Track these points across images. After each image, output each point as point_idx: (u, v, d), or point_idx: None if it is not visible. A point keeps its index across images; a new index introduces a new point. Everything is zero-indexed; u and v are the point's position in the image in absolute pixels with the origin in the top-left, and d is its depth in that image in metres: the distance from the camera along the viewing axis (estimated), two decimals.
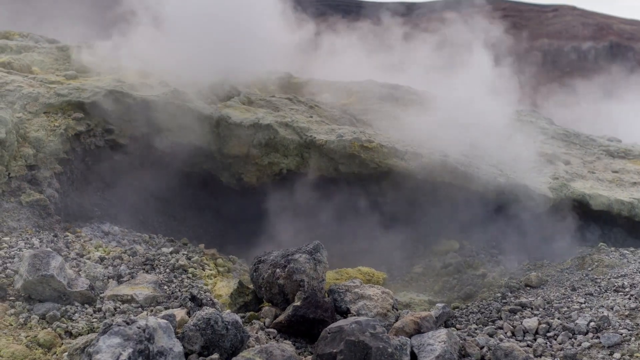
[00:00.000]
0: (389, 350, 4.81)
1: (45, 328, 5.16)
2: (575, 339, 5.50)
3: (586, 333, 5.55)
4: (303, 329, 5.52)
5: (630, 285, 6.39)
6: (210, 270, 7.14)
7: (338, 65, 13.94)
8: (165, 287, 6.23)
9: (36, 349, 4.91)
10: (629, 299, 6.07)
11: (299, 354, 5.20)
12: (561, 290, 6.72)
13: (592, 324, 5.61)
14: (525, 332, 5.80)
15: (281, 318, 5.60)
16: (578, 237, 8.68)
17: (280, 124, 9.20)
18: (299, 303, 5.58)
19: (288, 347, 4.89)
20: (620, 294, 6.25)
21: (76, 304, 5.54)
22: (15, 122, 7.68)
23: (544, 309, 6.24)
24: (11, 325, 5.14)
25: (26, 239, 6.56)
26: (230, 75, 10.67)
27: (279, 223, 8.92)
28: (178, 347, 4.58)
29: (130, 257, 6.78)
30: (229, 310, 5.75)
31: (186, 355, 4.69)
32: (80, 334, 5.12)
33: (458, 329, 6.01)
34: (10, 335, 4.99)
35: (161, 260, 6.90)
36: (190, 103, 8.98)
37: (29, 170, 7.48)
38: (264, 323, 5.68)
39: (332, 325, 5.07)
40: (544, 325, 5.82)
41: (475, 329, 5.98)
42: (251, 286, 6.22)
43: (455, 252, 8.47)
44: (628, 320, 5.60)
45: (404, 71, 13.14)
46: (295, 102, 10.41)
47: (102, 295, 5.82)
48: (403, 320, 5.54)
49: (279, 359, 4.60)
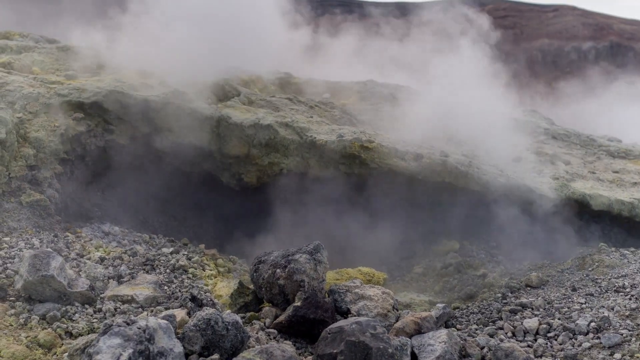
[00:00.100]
0: (390, 350, 4.81)
1: (45, 328, 5.15)
2: (576, 339, 5.50)
3: (587, 333, 5.55)
4: (303, 329, 5.52)
5: (631, 286, 6.38)
6: (211, 270, 7.13)
7: (337, 65, 13.94)
8: (166, 288, 6.23)
9: (36, 350, 4.91)
10: (630, 299, 6.07)
11: (300, 355, 5.20)
12: (562, 290, 6.71)
13: (593, 324, 5.60)
14: (526, 333, 5.80)
15: (281, 318, 5.60)
16: (578, 238, 8.68)
17: (281, 124, 9.19)
18: (299, 303, 5.57)
19: (288, 348, 4.89)
20: (621, 294, 6.25)
21: (76, 304, 5.54)
22: (15, 122, 7.68)
23: (545, 309, 6.23)
24: (11, 325, 5.14)
25: (26, 239, 6.56)
26: (231, 75, 10.68)
27: (279, 223, 8.93)
28: (178, 348, 4.58)
29: (131, 258, 6.78)
30: (229, 311, 5.74)
31: (186, 355, 4.69)
32: (80, 335, 5.12)
33: (458, 330, 6.01)
34: (11, 336, 4.99)
35: (161, 261, 6.89)
36: (191, 103, 8.99)
37: (30, 171, 7.48)
38: (265, 323, 5.68)
39: (333, 325, 5.07)
40: (544, 325, 5.82)
41: (476, 329, 5.98)
42: (251, 286, 6.22)
43: (456, 253, 8.48)
44: (629, 321, 5.60)
45: (401, 70, 13.15)
46: (296, 102, 10.41)
47: (103, 295, 5.82)
48: (403, 320, 5.54)
49: (279, 359, 4.60)
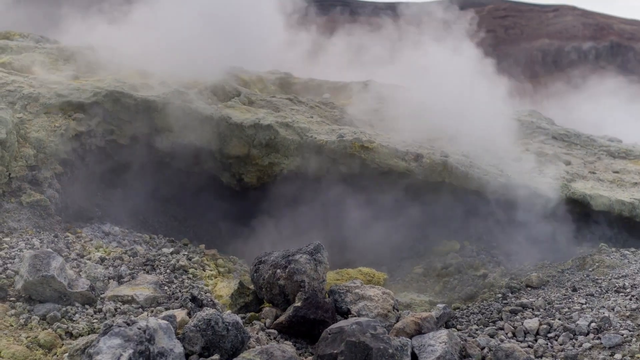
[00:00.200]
0: (390, 351, 4.81)
1: (45, 329, 5.16)
2: (576, 339, 5.50)
3: (587, 334, 5.54)
4: (304, 329, 5.52)
5: (631, 286, 6.38)
6: (211, 270, 7.13)
7: (337, 65, 13.94)
8: (166, 288, 6.23)
9: (37, 350, 4.91)
10: (630, 299, 6.06)
11: (300, 355, 5.20)
12: (562, 290, 6.71)
13: (593, 324, 5.60)
14: (526, 333, 5.79)
15: (282, 319, 5.60)
16: (579, 238, 8.67)
17: (281, 124, 9.19)
18: (299, 304, 5.57)
19: (289, 348, 4.89)
20: (621, 294, 6.24)
21: (77, 304, 5.54)
22: (15, 123, 7.68)
23: (545, 309, 6.23)
24: (12, 325, 5.14)
25: (27, 239, 6.55)
26: (231, 75, 10.68)
27: (280, 223, 8.93)
28: (178, 348, 4.58)
29: (131, 258, 6.78)
30: (229, 311, 5.75)
31: (187, 356, 4.69)
32: (80, 335, 5.12)
33: (459, 330, 6.01)
34: (11, 336, 4.99)
35: (162, 261, 6.90)
36: (191, 103, 8.98)
37: (30, 171, 7.48)
38: (265, 324, 5.68)
39: (333, 326, 5.07)
40: (544, 325, 5.82)
41: (476, 330, 5.98)
42: (252, 287, 6.22)
43: (456, 253, 8.47)
44: (629, 321, 5.59)
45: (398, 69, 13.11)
46: (296, 103, 10.41)
47: (103, 295, 5.82)
48: (404, 321, 5.54)
49: (279, 359, 4.60)
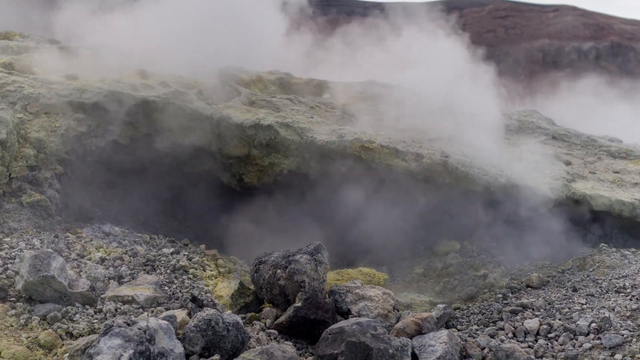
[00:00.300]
0: (390, 351, 4.81)
1: (46, 329, 5.15)
2: (577, 340, 5.49)
3: (587, 334, 5.54)
4: (304, 329, 5.52)
5: (632, 286, 6.38)
6: (211, 271, 7.13)
7: (337, 65, 13.93)
8: (166, 288, 6.23)
9: (37, 350, 4.91)
10: (630, 300, 6.06)
11: (300, 355, 5.20)
12: (562, 291, 6.71)
13: (594, 325, 5.60)
14: (527, 333, 5.79)
15: (282, 319, 5.60)
16: (579, 238, 8.68)
17: (281, 124, 9.19)
18: (299, 304, 5.57)
19: (289, 348, 4.89)
20: (622, 294, 6.24)
21: (77, 304, 5.54)
22: (16, 123, 7.68)
23: (545, 309, 6.23)
24: (12, 326, 5.14)
25: (27, 239, 6.56)
26: (231, 75, 10.67)
27: (280, 223, 8.93)
28: (179, 348, 4.58)
29: (131, 258, 6.78)
30: (229, 311, 5.75)
31: (187, 356, 4.69)
32: (81, 335, 5.12)
33: (459, 330, 6.01)
34: (11, 336, 4.99)
35: (162, 261, 6.90)
36: (191, 104, 8.98)
37: (30, 171, 7.48)
38: (265, 324, 5.68)
39: (333, 326, 5.07)
40: (545, 326, 5.82)
41: (477, 330, 5.98)
42: (252, 287, 6.22)
43: (456, 253, 8.46)
44: (629, 321, 5.59)
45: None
46: (296, 103, 10.40)
47: (103, 296, 5.82)
48: (404, 321, 5.54)
49: (279, 359, 4.60)
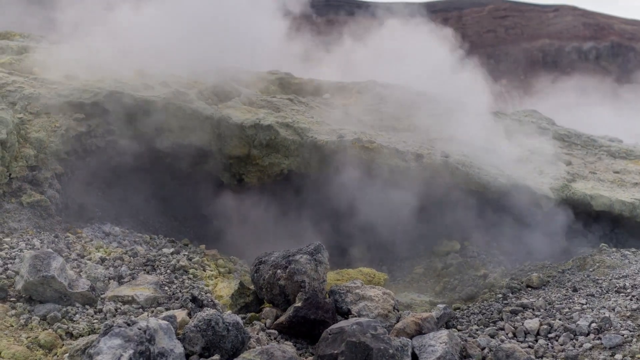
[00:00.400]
0: (390, 351, 4.81)
1: (46, 329, 5.15)
2: (577, 340, 5.49)
3: (587, 334, 5.54)
4: (304, 330, 5.52)
5: (632, 286, 6.38)
6: (211, 271, 7.13)
7: (337, 65, 13.92)
8: (166, 288, 6.23)
9: (37, 350, 4.91)
10: (631, 299, 6.06)
11: (300, 355, 5.20)
12: (562, 291, 6.71)
13: (594, 325, 5.60)
14: (527, 333, 5.79)
15: (282, 319, 5.60)
16: (579, 238, 8.68)
17: (281, 124, 9.19)
18: (299, 304, 5.57)
19: (289, 348, 4.89)
20: (622, 294, 6.24)
21: (77, 305, 5.54)
22: (16, 123, 7.68)
23: (545, 309, 6.23)
24: (12, 326, 5.14)
25: (27, 239, 6.56)
26: (231, 75, 10.67)
27: (280, 223, 8.92)
28: (179, 349, 4.58)
29: (131, 258, 6.78)
30: (229, 311, 5.75)
31: (187, 356, 4.69)
32: (81, 335, 5.12)
33: (459, 330, 6.01)
34: (11, 336, 4.99)
35: (162, 261, 6.89)
36: (191, 104, 8.98)
37: (30, 171, 7.48)
38: (265, 324, 5.68)
39: (333, 326, 5.07)
40: (545, 326, 5.81)
41: (477, 330, 5.97)
42: (252, 287, 6.21)
43: (456, 253, 8.47)
44: (629, 322, 5.59)
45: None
46: (296, 103, 10.40)
47: (103, 296, 5.82)
48: (404, 321, 5.54)
49: (279, 359, 4.60)
